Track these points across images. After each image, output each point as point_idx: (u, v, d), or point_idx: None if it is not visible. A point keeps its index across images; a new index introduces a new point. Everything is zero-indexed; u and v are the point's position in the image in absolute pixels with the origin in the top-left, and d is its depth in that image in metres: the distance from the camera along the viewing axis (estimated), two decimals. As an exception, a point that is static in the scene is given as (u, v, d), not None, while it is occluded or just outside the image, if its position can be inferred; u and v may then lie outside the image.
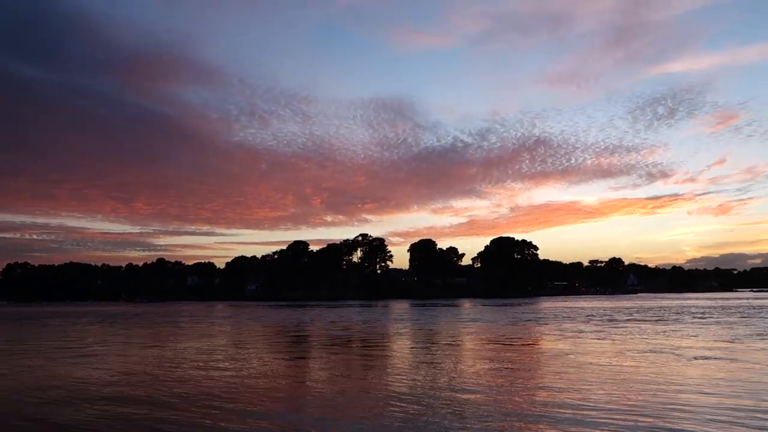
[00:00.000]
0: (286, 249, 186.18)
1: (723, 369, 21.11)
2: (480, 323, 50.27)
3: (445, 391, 17.33)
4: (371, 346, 32.87)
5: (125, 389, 18.54)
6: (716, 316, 56.48)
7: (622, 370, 20.93)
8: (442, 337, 37.08)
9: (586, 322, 49.55)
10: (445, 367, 22.49)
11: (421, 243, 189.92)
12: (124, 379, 20.67)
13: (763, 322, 47.48)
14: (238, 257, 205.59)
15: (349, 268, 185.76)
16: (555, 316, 59.78)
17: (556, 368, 21.91)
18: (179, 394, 17.44)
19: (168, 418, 14.44)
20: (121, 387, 19.02)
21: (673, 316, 57.60)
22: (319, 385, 19.02)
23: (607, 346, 29.84)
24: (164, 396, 17.24)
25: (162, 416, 14.61)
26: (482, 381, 19.13)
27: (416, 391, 17.41)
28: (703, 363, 22.72)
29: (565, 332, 39.17)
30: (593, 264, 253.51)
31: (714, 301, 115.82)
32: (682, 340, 32.37)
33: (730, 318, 53.41)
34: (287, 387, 18.90)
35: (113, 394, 17.68)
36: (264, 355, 28.19)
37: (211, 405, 15.84)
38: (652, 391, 16.74)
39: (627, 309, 78.36)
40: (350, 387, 18.48)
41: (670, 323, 47.45)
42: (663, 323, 47.56)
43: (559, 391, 17.11)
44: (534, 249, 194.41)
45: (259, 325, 52.25)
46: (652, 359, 23.94)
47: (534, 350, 29.13)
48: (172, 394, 17.56)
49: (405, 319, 60.01)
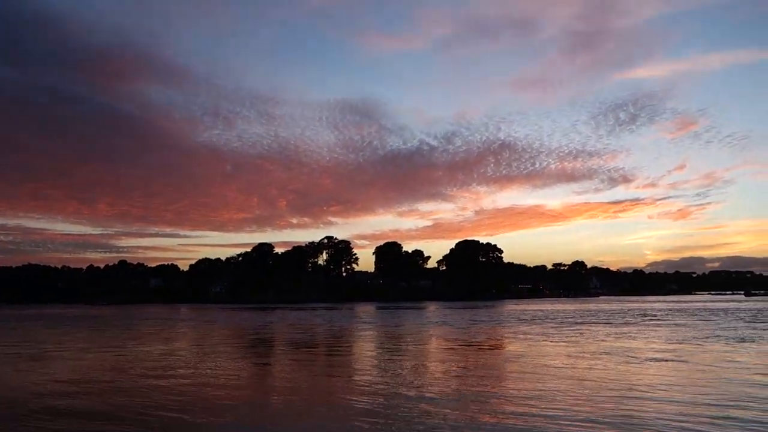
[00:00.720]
0: (251, 251, 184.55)
1: (673, 371, 21.54)
2: (443, 326, 50.47)
3: (407, 399, 17.26)
4: (334, 350, 32.73)
5: (67, 400, 17.37)
6: (671, 319, 57.73)
7: (574, 374, 21.20)
8: (404, 340, 37.08)
9: (546, 325, 50.13)
10: (405, 372, 22.47)
11: (387, 246, 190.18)
12: (70, 388, 19.66)
13: (713, 324, 48.67)
14: (203, 259, 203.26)
15: (314, 270, 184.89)
16: (517, 319, 60.37)
17: (513, 371, 22.10)
18: (124, 406, 16.27)
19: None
20: (63, 398, 17.83)
21: (630, 319, 58.68)
22: (278, 393, 18.52)
23: (563, 348, 30.21)
24: (107, 407, 16.04)
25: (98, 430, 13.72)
26: (439, 386, 19.17)
27: (377, 398, 17.20)
28: (655, 365, 23.16)
29: (525, 335, 39.57)
30: (557, 267, 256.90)
31: (671, 304, 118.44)
32: (636, 343, 32.98)
33: (683, 321, 54.64)
34: (245, 396, 18.13)
35: (53, 406, 16.54)
36: (223, 360, 27.47)
37: (157, 417, 14.82)
38: (604, 395, 16.99)
39: (587, 312, 79.59)
40: (310, 396, 17.83)
41: (626, 326, 48.30)
42: (620, 326, 48.39)
43: (513, 396, 17.26)
44: (499, 252, 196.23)
45: (222, 328, 51.58)
46: (604, 361, 24.32)
47: (493, 353, 29.34)
48: (117, 405, 16.39)
49: (369, 322, 59.92)
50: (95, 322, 64.39)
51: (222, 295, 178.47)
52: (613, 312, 77.51)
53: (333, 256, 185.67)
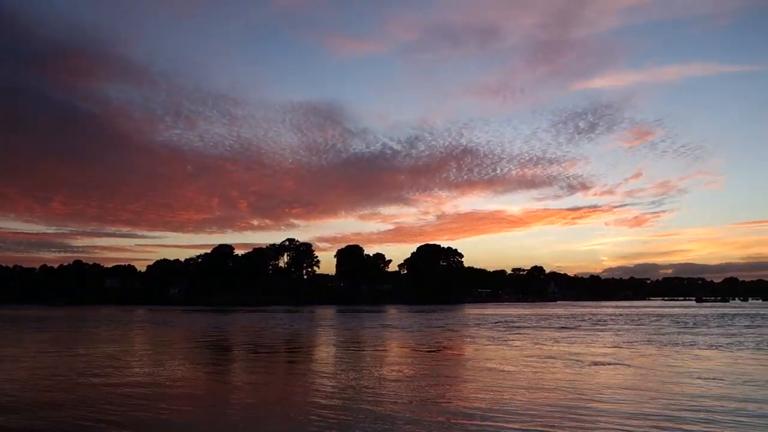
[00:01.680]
0: (210, 253, 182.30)
1: (616, 374, 22.49)
2: (402, 330, 51.11)
3: (364, 404, 17.67)
4: (293, 354, 32.99)
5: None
6: (620, 324, 59.57)
7: (518, 377, 21.99)
8: (363, 344, 37.52)
9: (501, 329, 51.20)
10: (362, 377, 22.94)
11: (348, 249, 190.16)
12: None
13: (657, 329, 50.45)
14: (161, 260, 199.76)
15: (275, 273, 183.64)
16: (475, 323, 61.40)
17: (464, 375, 22.80)
18: (56, 419, 14.94)
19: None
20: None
21: (580, 324, 60.29)
22: (233, 398, 18.48)
23: (513, 351, 31.13)
24: (38, 422, 14.73)
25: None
26: (395, 390, 19.69)
27: (334, 403, 17.64)
28: (598, 369, 24.11)
29: (480, 339, 40.47)
30: (516, 272, 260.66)
31: (624, 309, 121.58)
32: (583, 347, 34.12)
33: (631, 325, 56.51)
34: (196, 404, 17.55)
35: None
36: (177, 363, 27.27)
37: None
38: (546, 398, 17.74)
39: (543, 316, 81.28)
40: (266, 403, 17.60)
41: (574, 330, 49.67)
42: (570, 330, 49.79)
43: (465, 399, 17.88)
44: (459, 256, 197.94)
45: (179, 330, 51.21)
46: (550, 365, 25.20)
47: (446, 357, 30.03)
48: (50, 419, 15.10)
49: (329, 325, 60.19)
50: (43, 324, 63.02)
51: (180, 297, 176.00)
52: (565, 317, 79.33)
53: (294, 258, 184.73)
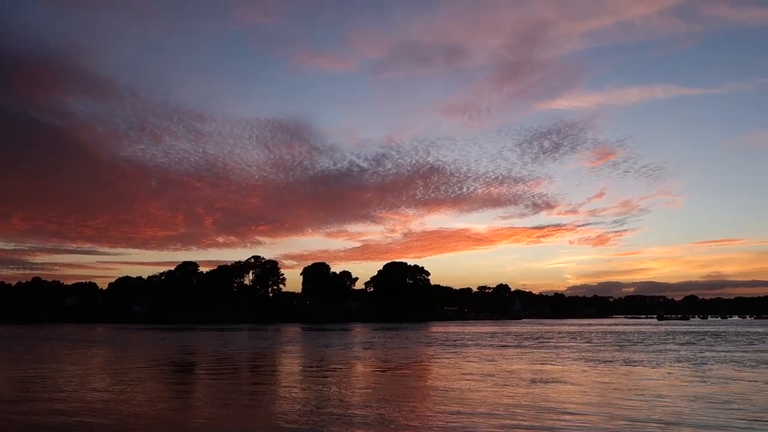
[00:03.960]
0: (174, 270, 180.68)
1: (554, 392, 23.43)
2: (367, 349, 51.60)
3: (323, 426, 18.27)
4: (256, 373, 33.16)
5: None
6: (573, 342, 60.96)
7: (451, 395, 22.82)
8: (328, 363, 37.80)
9: (459, 348, 52.08)
10: (325, 398, 23.48)
11: (315, 266, 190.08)
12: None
13: (598, 347, 51.92)
14: (123, 278, 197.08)
15: (240, 290, 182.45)
16: (437, 342, 62.17)
17: (430, 395, 23.50)
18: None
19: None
20: None
21: (541, 341, 61.54)
22: (193, 424, 18.19)
23: (468, 369, 31.99)
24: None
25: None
26: (351, 409, 20.30)
27: (294, 426, 18.19)
28: (541, 386, 25.01)
29: (437, 358, 41.22)
30: (482, 290, 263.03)
31: (583, 327, 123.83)
32: (533, 365, 35.11)
33: (579, 343, 57.86)
34: (155, 424, 17.40)
35: None
36: (135, 383, 27.17)
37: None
38: (476, 419, 18.56)
39: (504, 334, 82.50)
40: (225, 424, 17.69)
41: (532, 348, 50.78)
42: (526, 348, 50.86)
43: (428, 418, 18.59)
44: (426, 274, 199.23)
45: (140, 349, 50.88)
46: (491, 383, 26.04)
47: (409, 377, 30.71)
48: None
49: (294, 344, 60.33)
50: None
51: (143, 315, 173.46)
52: (527, 335, 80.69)
53: (260, 276, 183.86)
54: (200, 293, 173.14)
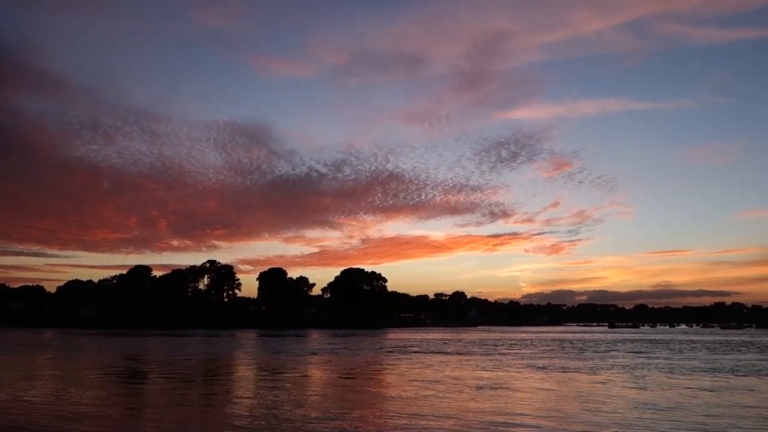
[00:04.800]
0: (126, 273, 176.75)
1: (499, 399, 24.06)
2: (322, 354, 51.67)
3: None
4: (209, 380, 32.88)
5: None
6: (519, 349, 62.19)
7: (396, 403, 23.27)
8: (282, 370, 37.81)
9: (411, 354, 52.60)
10: (276, 404, 23.59)
11: (271, 272, 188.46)
12: None
13: (540, 354, 53.22)
14: (72, 281, 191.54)
15: (194, 295, 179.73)
16: (390, 349, 62.58)
17: (355, 402, 23.83)
18: None
19: None
20: None
21: (488, 349, 62.57)
22: (141, 427, 18.20)
23: (408, 375, 32.48)
24: None
25: None
26: (299, 414, 20.50)
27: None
28: (486, 393, 25.62)
29: (389, 364, 41.62)
30: (438, 297, 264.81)
31: (535, 334, 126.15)
32: (479, 372, 35.83)
33: (530, 351, 59.12)
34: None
35: None
36: (80, 389, 26.78)
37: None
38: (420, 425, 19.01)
39: (456, 341, 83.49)
40: (174, 427, 17.73)
41: (477, 355, 51.67)
42: (474, 355, 51.72)
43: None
44: (383, 281, 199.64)
45: (87, 354, 49.89)
46: (436, 390, 26.55)
47: (349, 383, 31.01)
48: None
49: (249, 350, 60.01)
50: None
51: (93, 320, 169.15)
52: (478, 342, 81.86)
53: (215, 281, 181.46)
54: (153, 298, 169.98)
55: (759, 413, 20.14)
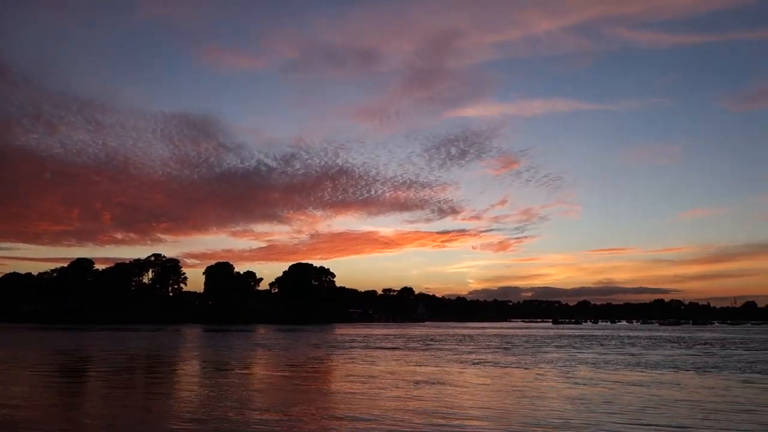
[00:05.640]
0: (67, 267, 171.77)
1: (431, 394, 24.76)
2: (265, 349, 51.64)
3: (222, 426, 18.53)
4: (152, 376, 32.50)
5: None
6: (466, 344, 63.55)
7: (333, 399, 23.76)
8: (225, 365, 37.67)
9: (356, 349, 53.13)
10: (217, 399, 23.66)
11: (218, 266, 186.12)
12: None
13: (492, 349, 54.62)
14: (10, 273, 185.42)
15: (138, 289, 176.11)
16: (337, 343, 63.03)
17: (291, 398, 24.20)
18: None
19: None
20: None
21: (428, 344, 63.67)
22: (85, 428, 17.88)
23: (347, 370, 33.00)
24: None
25: None
26: (239, 409, 20.69)
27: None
28: (423, 388, 26.29)
29: (331, 359, 42.04)
30: (387, 293, 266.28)
31: (479, 330, 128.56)
32: (418, 367, 36.61)
33: (471, 346, 60.50)
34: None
35: None
36: (16, 390, 26.44)
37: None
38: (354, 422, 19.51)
39: (401, 336, 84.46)
40: (112, 423, 17.60)
41: (416, 351, 52.59)
42: (412, 350, 52.63)
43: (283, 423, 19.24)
44: (331, 276, 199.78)
45: (24, 350, 48.54)
46: (372, 385, 27.11)
47: (288, 378, 31.29)
48: None
49: (194, 345, 59.38)
50: None
51: (33, 314, 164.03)
52: (423, 337, 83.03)
53: (160, 274, 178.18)
54: (96, 292, 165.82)
55: (689, 407, 21.11)
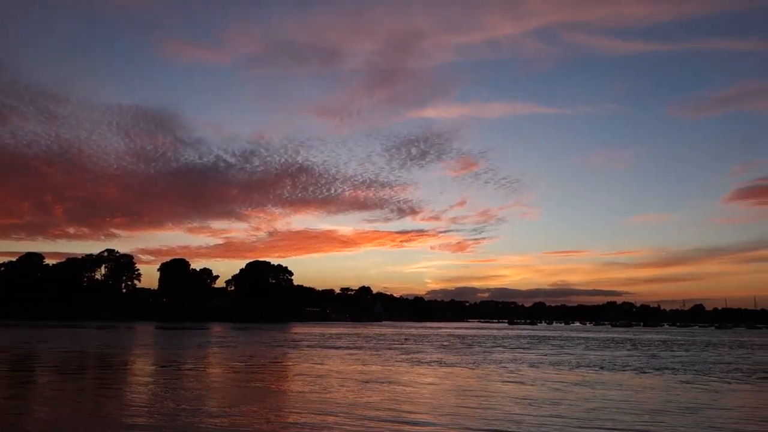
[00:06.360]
0: (16, 261, 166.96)
1: (380, 393, 25.07)
2: (213, 348, 51.20)
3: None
4: (102, 375, 31.82)
5: None
6: (419, 344, 64.19)
7: (280, 398, 23.90)
8: (169, 362, 37.25)
9: (308, 348, 53.17)
10: (169, 399, 23.49)
11: (174, 262, 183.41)
12: None
13: (443, 349, 55.37)
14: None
15: (90, 285, 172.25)
16: (291, 342, 62.88)
17: (247, 397, 24.22)
18: None
19: None
20: None
21: (382, 343, 64.11)
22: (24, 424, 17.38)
23: (296, 369, 33.12)
24: None
25: None
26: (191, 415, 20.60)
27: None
28: (370, 387, 26.59)
29: (283, 358, 42.03)
30: (344, 292, 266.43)
31: (434, 330, 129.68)
32: (363, 366, 36.92)
33: (420, 345, 61.19)
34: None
35: None
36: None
37: None
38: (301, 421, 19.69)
39: (356, 335, 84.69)
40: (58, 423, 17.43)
41: (373, 350, 52.97)
42: (363, 349, 52.97)
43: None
44: (289, 274, 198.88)
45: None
46: (321, 384, 27.29)
47: (235, 376, 31.23)
48: None
49: (147, 343, 58.43)
50: None
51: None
52: (377, 336, 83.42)
53: (113, 270, 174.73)
54: (45, 287, 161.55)
55: (634, 408, 21.73)
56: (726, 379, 33.78)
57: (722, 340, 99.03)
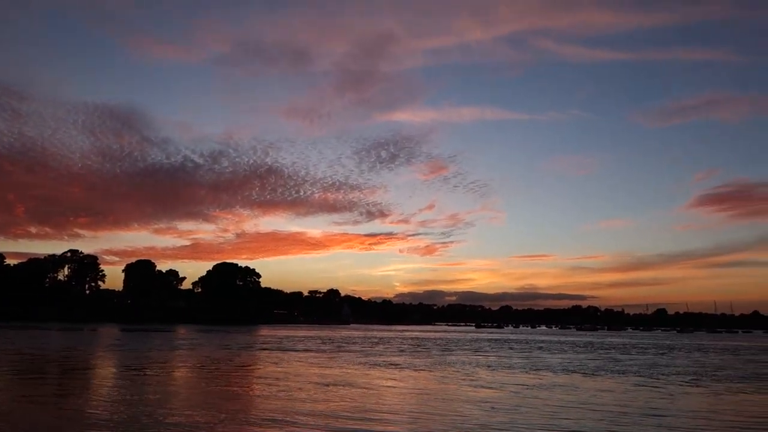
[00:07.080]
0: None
1: (348, 396, 25.30)
2: (176, 350, 50.76)
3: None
4: (64, 379, 31.36)
5: None
6: (378, 347, 64.53)
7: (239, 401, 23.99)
8: (130, 365, 36.94)
9: (268, 350, 53.05)
10: (133, 404, 23.32)
11: (139, 264, 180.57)
12: None
13: (404, 351, 55.82)
14: None
15: (53, 286, 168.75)
16: (255, 344, 62.60)
17: (194, 398, 24.21)
18: None
19: None
20: None
21: (345, 346, 64.29)
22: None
23: (255, 372, 33.16)
24: None
25: None
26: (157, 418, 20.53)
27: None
28: (329, 390, 26.79)
29: (242, 360, 41.95)
30: (312, 294, 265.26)
31: (401, 333, 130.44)
32: (323, 369, 37.11)
33: (383, 347, 61.58)
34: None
35: None
36: None
37: None
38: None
39: (321, 338, 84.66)
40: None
41: (334, 352, 53.14)
42: (323, 352, 53.10)
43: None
44: (257, 276, 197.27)
45: None
46: (280, 387, 27.41)
47: (196, 379, 31.15)
48: None
49: (108, 345, 57.59)
50: None
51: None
52: (341, 339, 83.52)
53: (76, 271, 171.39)
54: (6, 288, 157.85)
55: (593, 411, 22.14)
56: (679, 382, 34.78)
57: (683, 344, 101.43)
